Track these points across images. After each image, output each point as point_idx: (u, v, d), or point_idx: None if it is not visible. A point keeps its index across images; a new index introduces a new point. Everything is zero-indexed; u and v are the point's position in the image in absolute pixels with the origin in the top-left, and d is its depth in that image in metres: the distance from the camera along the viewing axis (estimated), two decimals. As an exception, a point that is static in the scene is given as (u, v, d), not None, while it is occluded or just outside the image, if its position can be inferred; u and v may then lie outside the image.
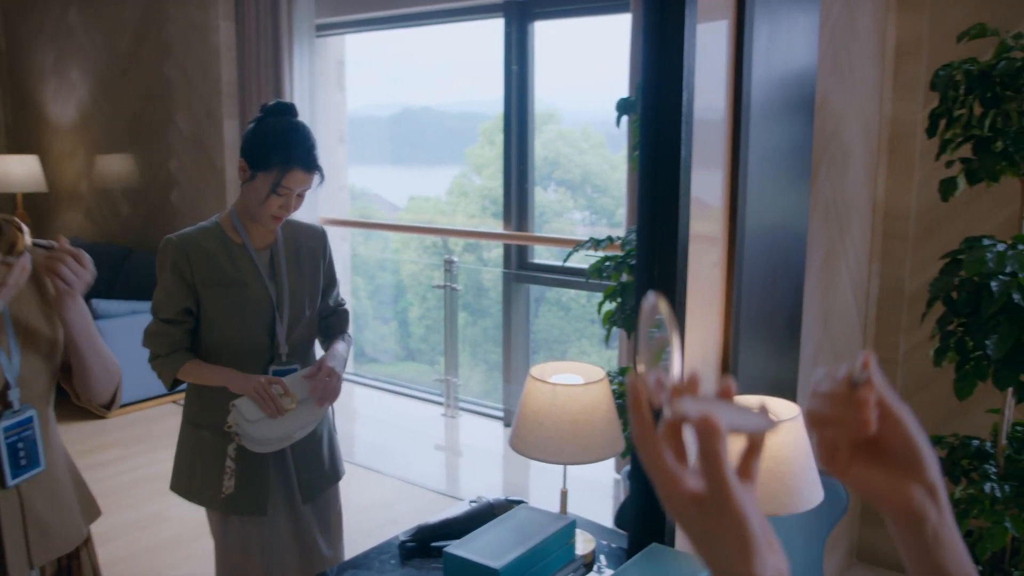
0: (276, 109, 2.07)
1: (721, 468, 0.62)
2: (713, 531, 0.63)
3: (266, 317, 2.10)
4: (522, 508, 1.89)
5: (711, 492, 0.63)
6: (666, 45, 1.72)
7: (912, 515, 0.68)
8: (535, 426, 1.92)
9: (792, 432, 1.70)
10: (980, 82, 2.30)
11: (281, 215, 2.04)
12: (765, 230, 2.02)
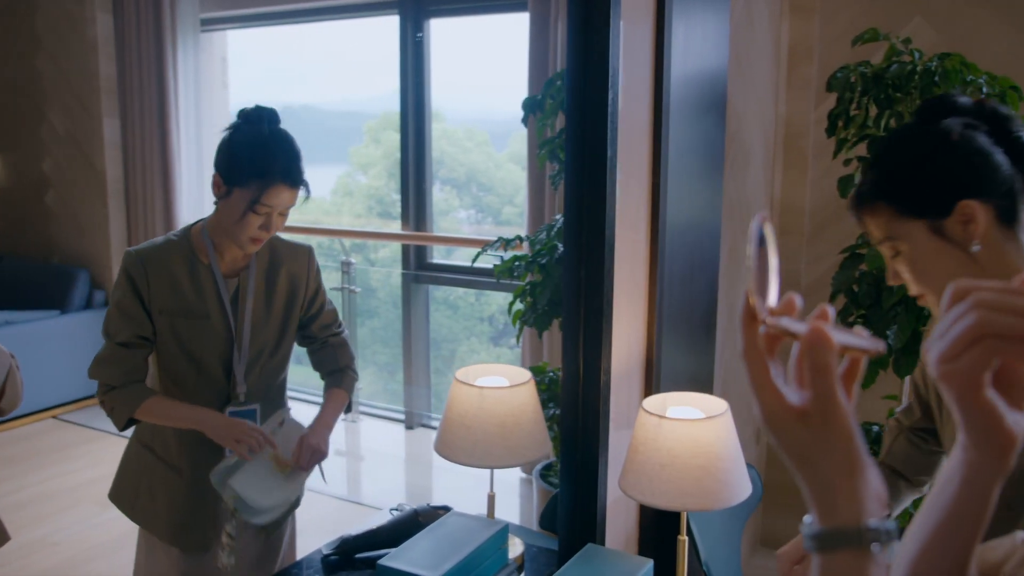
0: (254, 116, 1.83)
1: (831, 381, 0.62)
2: (817, 446, 0.63)
3: (223, 352, 1.89)
4: (452, 515, 1.86)
5: (818, 405, 0.62)
6: (592, 45, 1.72)
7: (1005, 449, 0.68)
8: (462, 430, 1.88)
9: (723, 427, 1.73)
10: (874, 84, 2.40)
11: (261, 237, 1.80)
12: (683, 227, 2.05)
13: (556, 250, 2.83)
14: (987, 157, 1.24)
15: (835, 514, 0.62)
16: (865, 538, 0.61)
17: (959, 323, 0.62)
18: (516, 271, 2.86)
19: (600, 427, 1.85)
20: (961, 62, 2.32)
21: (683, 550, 1.82)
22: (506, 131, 6.44)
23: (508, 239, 2.96)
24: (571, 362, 1.86)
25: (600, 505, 1.88)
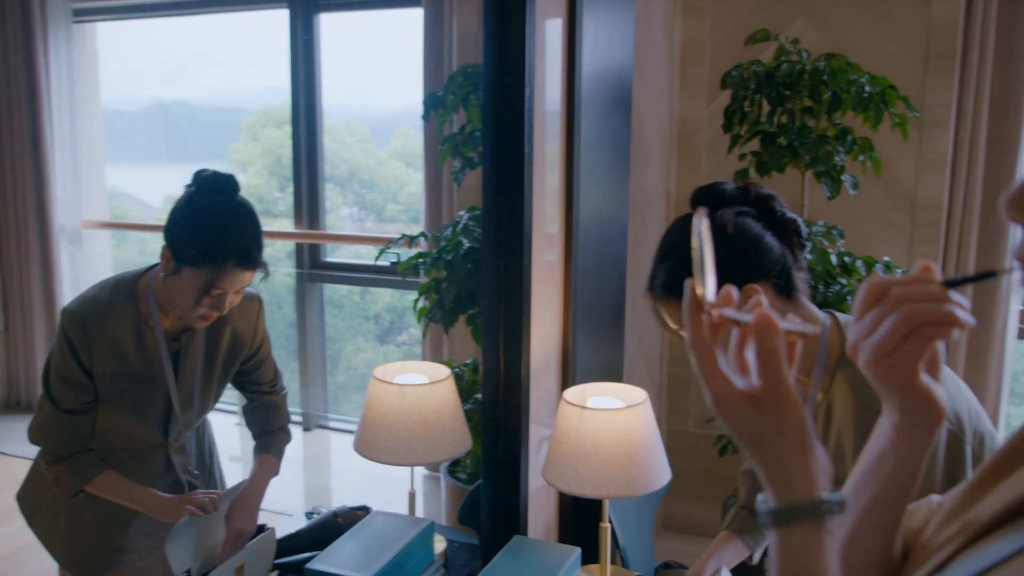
0: (212, 184, 1.66)
1: (780, 364, 0.65)
2: (769, 427, 0.65)
3: (162, 417, 1.77)
4: (377, 515, 1.84)
5: (768, 388, 0.65)
6: (508, 41, 1.74)
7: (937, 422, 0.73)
8: (384, 429, 1.87)
9: (643, 415, 1.77)
10: (767, 82, 2.51)
11: (211, 316, 1.66)
12: (594, 223, 2.09)
13: (461, 246, 2.83)
14: (760, 242, 1.36)
15: (790, 490, 0.65)
16: (820, 510, 0.65)
17: (887, 320, 0.67)
18: (422, 268, 2.85)
19: (521, 420, 1.87)
20: (846, 62, 2.45)
21: (606, 536, 1.86)
22: (388, 127, 6.38)
23: (412, 235, 2.95)
24: (491, 356, 1.87)
25: (523, 497, 1.90)
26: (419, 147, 4.27)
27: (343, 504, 2.08)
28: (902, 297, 0.66)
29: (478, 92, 2.80)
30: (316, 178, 4.27)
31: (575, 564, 1.72)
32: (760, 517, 0.68)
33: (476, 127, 2.79)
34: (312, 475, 4.34)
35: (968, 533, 0.71)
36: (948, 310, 0.65)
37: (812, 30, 2.99)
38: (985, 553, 0.66)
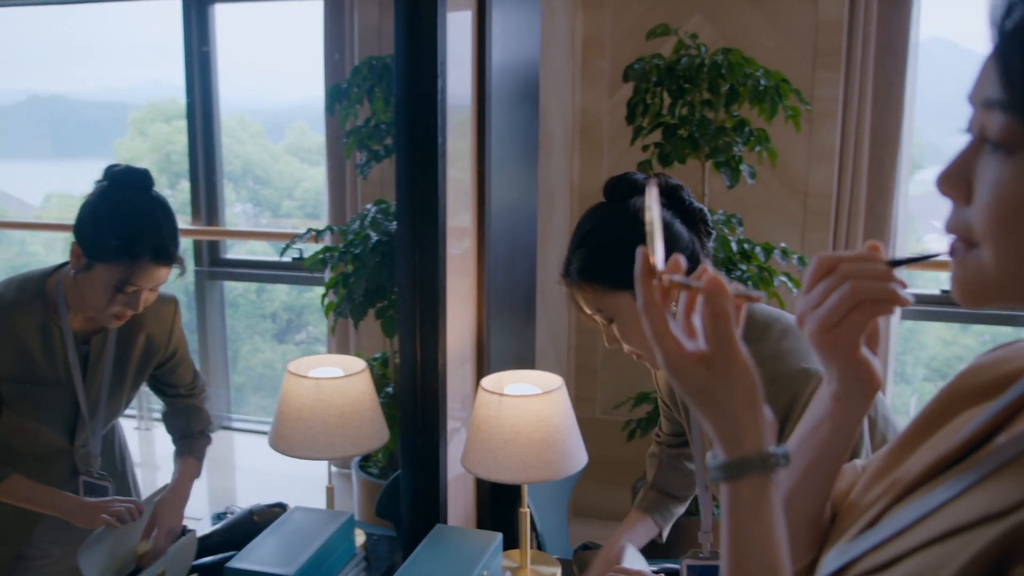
0: (123, 179, 1.61)
1: (730, 324, 0.68)
2: (721, 386, 0.69)
3: (68, 422, 1.68)
4: (296, 510, 1.83)
5: (719, 348, 0.69)
6: (420, 33, 1.74)
7: (873, 392, 0.79)
8: (300, 424, 1.85)
9: (560, 401, 1.81)
10: (668, 75, 2.59)
11: (125, 315, 1.61)
12: (505, 213, 2.12)
13: (370, 240, 2.82)
14: (670, 229, 1.45)
15: (740, 445, 0.69)
16: (769, 463, 0.69)
17: (834, 294, 0.72)
18: (331, 262, 2.82)
19: (439, 410, 1.88)
20: (742, 57, 2.55)
21: (525, 521, 1.89)
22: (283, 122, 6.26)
23: (319, 230, 2.92)
24: (408, 348, 1.87)
25: (443, 486, 1.91)
26: (315, 142, 4.21)
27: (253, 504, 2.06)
28: (849, 273, 0.71)
29: (383, 84, 2.79)
30: (214, 173, 4.16)
31: (497, 550, 1.75)
32: (711, 472, 0.71)
33: (381, 120, 2.78)
34: (216, 477, 4.24)
35: (895, 491, 0.76)
36: (891, 288, 0.70)
37: (708, 25, 3.10)
38: (913, 507, 0.72)
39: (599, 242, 1.47)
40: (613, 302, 1.48)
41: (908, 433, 0.83)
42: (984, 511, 0.63)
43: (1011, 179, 0.59)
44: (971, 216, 0.63)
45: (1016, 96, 0.58)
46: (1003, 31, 0.60)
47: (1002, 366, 0.80)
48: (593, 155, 3.35)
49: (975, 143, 0.64)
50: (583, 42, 3.26)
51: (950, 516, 0.66)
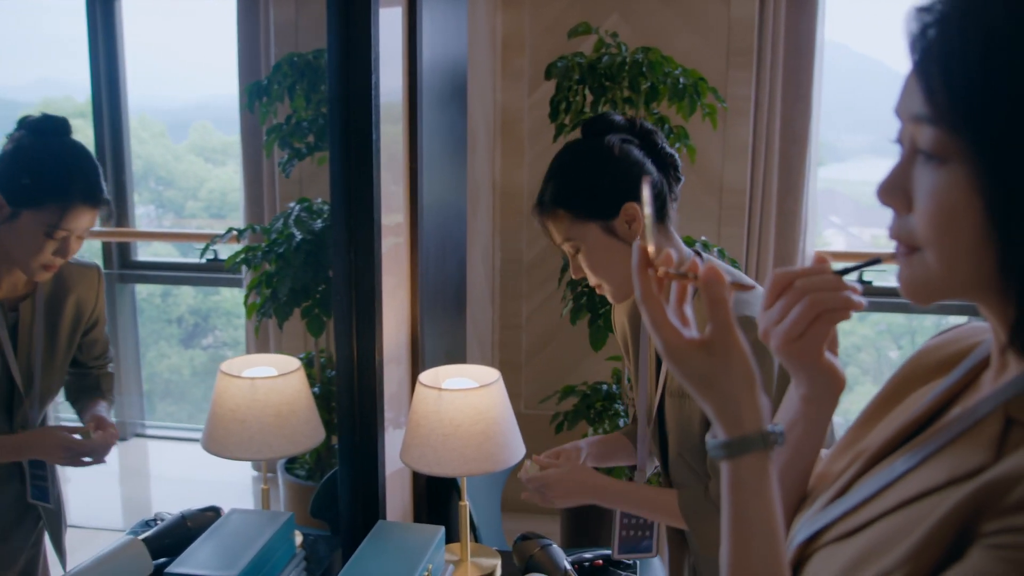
0: (41, 125, 1.58)
1: (728, 311, 0.72)
2: (721, 370, 0.73)
3: (6, 400, 1.61)
4: (234, 512, 1.80)
5: (719, 334, 0.72)
6: (354, 29, 1.74)
7: (840, 391, 0.84)
8: (236, 424, 1.83)
9: (497, 394, 1.84)
10: (590, 73, 2.64)
11: (55, 263, 1.55)
12: (436, 210, 2.13)
13: (294, 239, 2.78)
14: (642, 166, 1.52)
15: (740, 424, 0.73)
16: (768, 440, 0.74)
17: (795, 309, 0.77)
18: (254, 262, 2.78)
19: (377, 407, 1.88)
20: (661, 56, 2.62)
21: (465, 515, 1.91)
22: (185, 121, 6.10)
23: (240, 229, 2.87)
24: (344, 346, 1.87)
25: (381, 483, 1.91)
26: (220, 141, 4.12)
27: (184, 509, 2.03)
28: (806, 288, 0.75)
29: (304, 82, 2.76)
30: (123, 173, 4.03)
31: (440, 543, 1.76)
32: (711, 452, 0.75)
33: (302, 117, 2.75)
34: (131, 487, 4.11)
35: (862, 461, 0.81)
36: (846, 296, 0.75)
37: (625, 25, 3.17)
38: (878, 477, 0.77)
39: (573, 173, 1.53)
40: (581, 232, 1.53)
41: (869, 410, 0.89)
42: (949, 475, 0.68)
43: (946, 188, 0.64)
44: (913, 223, 0.68)
45: (940, 111, 0.63)
46: (922, 50, 0.65)
47: (950, 347, 0.87)
48: (514, 152, 3.39)
49: (908, 154, 0.69)
50: (503, 40, 3.29)
51: (915, 482, 0.71)
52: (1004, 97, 0.60)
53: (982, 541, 0.61)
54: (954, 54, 0.62)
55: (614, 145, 1.52)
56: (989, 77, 0.61)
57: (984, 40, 0.61)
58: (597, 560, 1.97)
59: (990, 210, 0.62)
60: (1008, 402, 0.68)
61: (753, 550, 0.73)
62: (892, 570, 0.67)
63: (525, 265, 3.45)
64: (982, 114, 0.61)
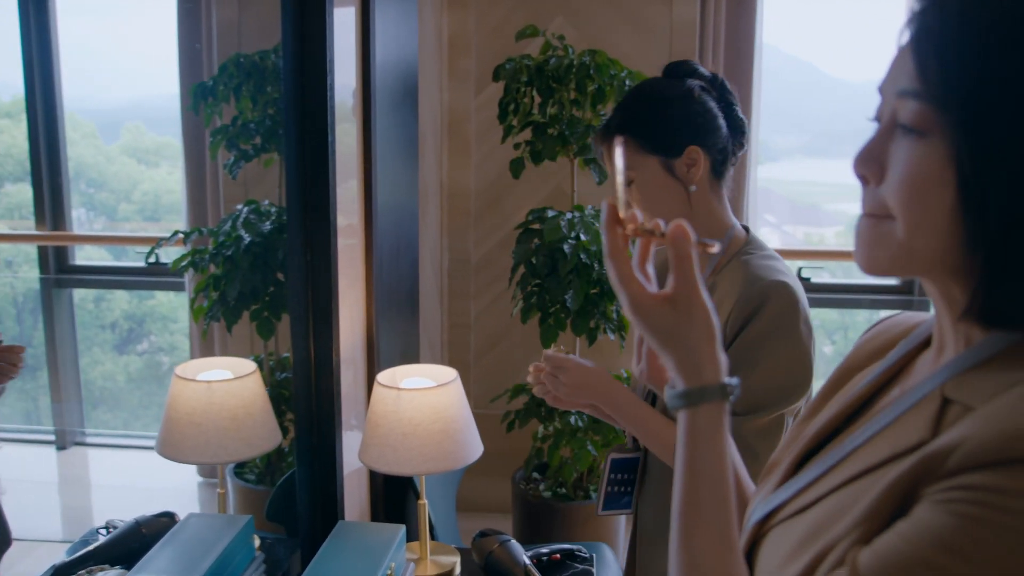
0: None
1: (693, 268, 0.75)
2: (684, 323, 0.76)
3: None
4: (192, 517, 1.79)
5: (683, 289, 0.75)
6: (310, 30, 1.75)
7: None
8: (192, 428, 1.81)
9: (455, 393, 1.86)
10: (538, 75, 2.67)
11: None
12: (389, 211, 2.14)
13: (242, 241, 2.76)
14: (715, 118, 1.52)
15: (700, 375, 0.77)
16: (725, 391, 0.77)
17: None
18: (201, 265, 2.75)
19: (335, 408, 1.89)
20: (607, 58, 2.67)
21: (424, 513, 1.92)
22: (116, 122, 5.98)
23: (187, 232, 2.83)
24: (302, 349, 1.87)
25: (340, 483, 1.92)
26: (153, 142, 4.05)
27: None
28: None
29: (250, 83, 2.74)
30: (59, 175, 3.93)
31: (402, 542, 1.77)
32: (670, 401, 0.78)
33: (248, 119, 2.73)
34: (71, 496, 4.01)
35: (808, 443, 0.86)
36: None
37: (569, 27, 3.21)
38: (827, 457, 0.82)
39: (648, 104, 1.53)
40: (641, 162, 1.52)
41: (816, 401, 0.94)
42: (891, 451, 0.73)
43: (923, 158, 0.68)
44: (884, 192, 0.72)
45: (929, 86, 0.67)
46: (919, 27, 0.69)
47: (886, 334, 0.92)
48: (461, 153, 3.40)
49: (887, 128, 0.73)
50: (449, 41, 3.31)
51: (861, 459, 0.76)
52: (993, 79, 0.64)
53: (925, 499, 0.66)
54: (950, 33, 0.66)
55: (693, 88, 1.52)
56: (982, 58, 0.65)
57: (981, 23, 0.65)
58: (554, 554, 2.00)
59: (962, 185, 0.66)
60: (944, 383, 0.73)
61: (704, 495, 0.76)
62: (842, 538, 0.71)
63: (473, 266, 3.47)
64: (969, 92, 0.65)
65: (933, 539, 0.64)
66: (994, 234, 0.66)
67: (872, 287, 3.71)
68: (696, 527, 0.75)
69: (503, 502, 3.23)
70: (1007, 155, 0.64)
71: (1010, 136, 0.64)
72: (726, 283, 1.52)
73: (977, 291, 0.69)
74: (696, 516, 0.76)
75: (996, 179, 0.65)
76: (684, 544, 0.76)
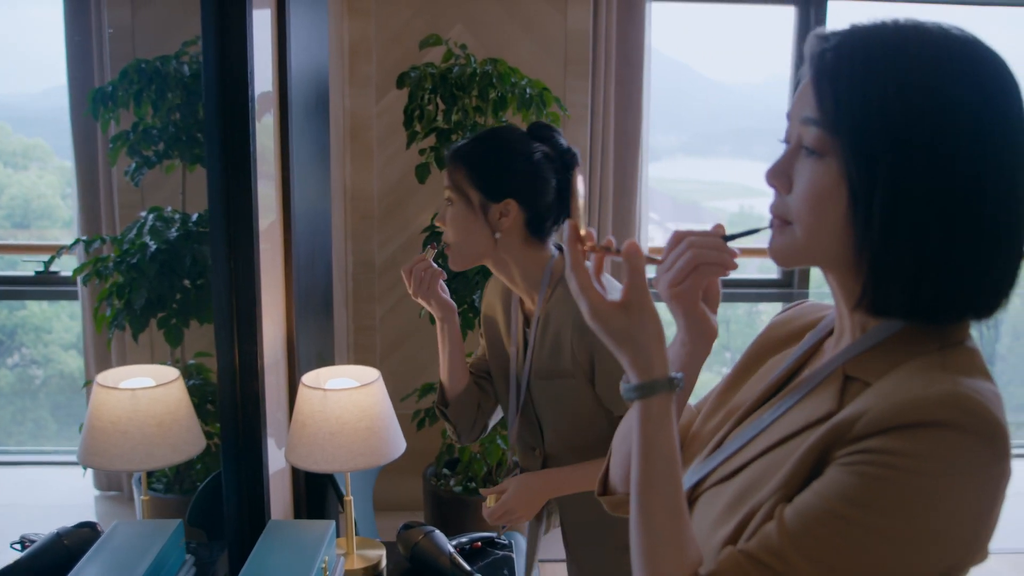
0: None
1: (643, 279, 0.87)
2: (636, 327, 0.87)
3: None
4: (120, 525, 1.80)
5: (635, 297, 0.87)
6: (229, 36, 1.78)
7: (712, 339, 0.99)
8: (117, 436, 1.82)
9: (379, 391, 1.93)
10: (442, 83, 2.76)
11: None
12: (307, 215, 2.19)
13: (148, 249, 2.74)
14: (545, 183, 1.72)
15: (651, 371, 0.88)
16: (673, 383, 0.88)
17: (680, 259, 0.93)
18: (106, 273, 2.71)
19: (261, 411, 1.92)
20: (508, 67, 2.78)
21: (350, 509, 1.99)
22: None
23: (88, 240, 2.78)
24: (226, 354, 1.90)
25: (266, 484, 1.96)
26: (20, 144, 3.92)
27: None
28: (692, 244, 0.91)
29: (151, 88, 2.71)
30: (-64, 182, 3.76)
31: (332, 537, 1.83)
32: (625, 394, 0.89)
33: (149, 125, 2.71)
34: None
35: (734, 417, 0.99)
36: (722, 255, 0.91)
37: (468, 34, 3.30)
38: (748, 429, 0.95)
39: (496, 147, 1.73)
40: (465, 190, 1.71)
41: (730, 378, 1.08)
42: (805, 422, 0.87)
43: (821, 176, 0.83)
44: (790, 202, 0.86)
45: (826, 117, 0.82)
46: (818, 68, 0.83)
47: (795, 321, 1.07)
48: (364, 158, 3.45)
49: (794, 148, 0.87)
50: (350, 48, 3.35)
51: (779, 429, 0.90)
52: (875, 113, 0.79)
53: (834, 462, 0.80)
54: (842, 76, 0.81)
55: (536, 152, 1.71)
56: (866, 97, 0.79)
57: (865, 69, 0.80)
58: (475, 543, 2.09)
59: (852, 199, 0.81)
60: (845, 364, 0.88)
61: (657, 472, 0.87)
62: (767, 498, 0.84)
63: (377, 269, 3.53)
64: (857, 123, 0.80)
65: (842, 495, 0.78)
66: (877, 240, 0.80)
67: (753, 281, 3.96)
68: (653, 499, 0.86)
69: (415, 499, 3.31)
70: (887, 176, 0.79)
71: (891, 160, 0.79)
72: (558, 313, 1.73)
73: (866, 286, 0.84)
74: (652, 490, 0.87)
75: (878, 195, 0.79)
76: (642, 513, 0.87)
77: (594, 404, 1.77)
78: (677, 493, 0.87)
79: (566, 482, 1.82)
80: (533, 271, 1.76)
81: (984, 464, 0.76)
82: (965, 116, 0.78)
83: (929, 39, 0.80)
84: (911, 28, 0.81)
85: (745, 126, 5.60)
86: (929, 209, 0.78)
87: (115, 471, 1.84)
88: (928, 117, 0.78)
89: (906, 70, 0.79)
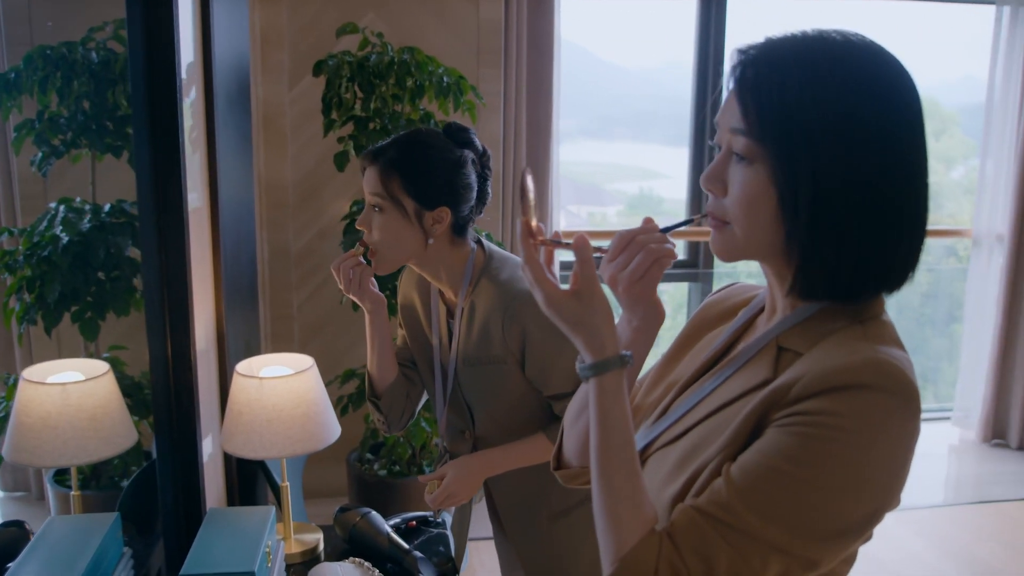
0: None
1: (592, 268, 0.95)
2: (587, 311, 0.95)
3: None
4: (55, 520, 1.79)
5: (585, 285, 0.95)
6: (156, 24, 1.77)
7: (661, 322, 1.06)
8: (47, 432, 1.80)
9: (313, 378, 1.96)
10: (360, 71, 2.78)
11: None
12: (232, 203, 2.19)
13: (59, 241, 2.67)
14: (471, 190, 1.80)
15: (603, 350, 0.96)
16: (624, 361, 0.97)
17: (636, 257, 1.01)
18: (16, 266, 2.63)
19: (195, 401, 1.93)
20: (425, 56, 2.82)
21: (286, 495, 2.01)
22: None
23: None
24: (159, 346, 1.89)
25: (201, 474, 1.96)
26: None
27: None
28: (643, 242, 0.99)
29: (56, 75, 2.64)
30: None
31: (273, 523, 1.85)
32: (581, 372, 0.97)
33: (55, 113, 2.64)
34: None
35: (675, 388, 1.08)
36: (670, 248, 0.99)
37: (381, 22, 3.32)
38: (689, 398, 1.04)
39: (427, 154, 1.75)
40: (397, 199, 1.74)
41: (669, 353, 1.17)
42: (743, 389, 0.97)
43: (751, 181, 0.92)
44: (726, 204, 0.95)
45: (751, 127, 0.91)
46: (739, 81, 0.92)
47: (727, 301, 1.17)
48: (277, 146, 3.43)
49: (725, 155, 0.96)
50: (262, 35, 3.32)
51: (719, 396, 0.99)
52: (794, 122, 0.89)
53: (773, 424, 0.90)
54: (761, 88, 0.90)
55: (467, 160, 1.77)
56: (784, 107, 0.89)
57: (781, 81, 0.88)
58: (410, 522, 2.15)
59: (780, 199, 0.91)
60: (778, 336, 0.98)
61: (614, 439, 0.95)
62: (712, 458, 0.94)
63: (293, 257, 3.51)
64: (779, 132, 0.89)
65: (782, 453, 0.87)
66: (803, 233, 0.90)
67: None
68: (611, 463, 0.94)
69: (340, 485, 3.33)
70: (808, 177, 0.89)
71: (810, 163, 0.89)
72: (482, 303, 1.81)
73: (797, 273, 0.94)
74: (610, 455, 0.95)
75: (802, 194, 0.89)
76: (602, 477, 0.95)
77: (524, 386, 1.85)
78: (632, 457, 0.95)
79: (503, 461, 1.89)
80: (457, 267, 1.83)
81: (902, 420, 0.87)
82: (871, 118, 0.88)
83: (835, 50, 0.90)
84: (817, 40, 0.91)
85: (643, 109, 5.75)
86: (846, 202, 0.89)
87: (45, 467, 1.81)
88: (839, 122, 0.88)
89: (818, 82, 0.88)
